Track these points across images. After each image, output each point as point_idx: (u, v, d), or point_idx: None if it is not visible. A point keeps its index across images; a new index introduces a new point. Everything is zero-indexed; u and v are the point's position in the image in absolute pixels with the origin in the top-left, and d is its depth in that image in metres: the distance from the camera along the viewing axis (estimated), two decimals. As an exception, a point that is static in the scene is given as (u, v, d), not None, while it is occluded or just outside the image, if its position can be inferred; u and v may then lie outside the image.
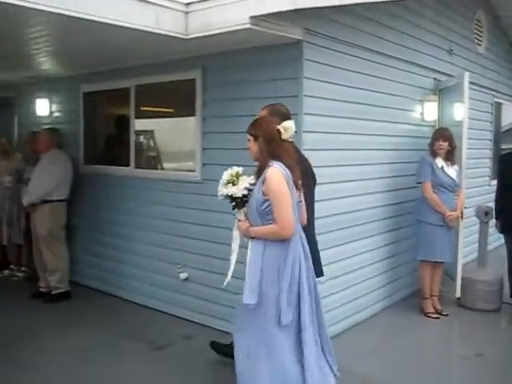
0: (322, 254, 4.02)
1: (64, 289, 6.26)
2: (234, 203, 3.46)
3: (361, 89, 5.28)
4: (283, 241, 3.22)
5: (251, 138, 3.40)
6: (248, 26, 3.95)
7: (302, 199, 3.46)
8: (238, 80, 4.99)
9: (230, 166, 4.95)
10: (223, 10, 4.12)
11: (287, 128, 3.32)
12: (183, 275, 5.54)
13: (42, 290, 6.34)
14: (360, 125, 5.33)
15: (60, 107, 7.24)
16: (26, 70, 6.61)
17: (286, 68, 4.64)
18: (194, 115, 5.38)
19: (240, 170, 3.47)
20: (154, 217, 5.86)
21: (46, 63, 6.10)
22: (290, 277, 3.17)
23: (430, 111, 6.52)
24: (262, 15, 3.92)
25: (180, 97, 5.84)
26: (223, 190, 3.46)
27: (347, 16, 4.92)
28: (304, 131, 4.57)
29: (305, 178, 3.57)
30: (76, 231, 6.79)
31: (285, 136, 3.32)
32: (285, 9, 3.82)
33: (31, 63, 6.07)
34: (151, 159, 6.30)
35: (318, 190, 4.69)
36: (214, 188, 5.11)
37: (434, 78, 6.67)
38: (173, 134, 6.14)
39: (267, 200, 3.20)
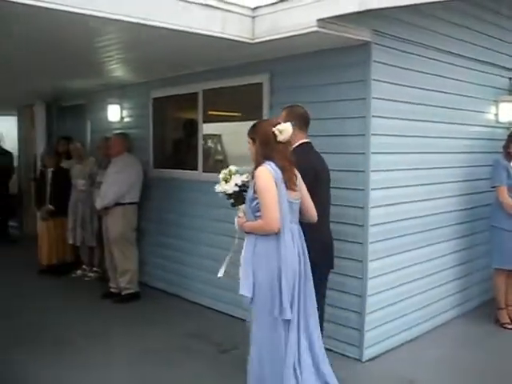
0: (391, 260, 3.96)
1: (133, 290, 6.41)
2: (232, 200, 3.75)
3: (430, 90, 5.13)
4: (272, 235, 3.38)
5: (250, 141, 3.61)
6: (315, 28, 3.93)
7: (304, 197, 3.62)
8: (304, 83, 4.96)
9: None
10: (290, 13, 4.10)
11: (282, 130, 3.44)
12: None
13: (112, 290, 6.51)
14: (429, 127, 5.18)
15: (130, 113, 7.42)
16: (98, 77, 6.83)
17: (354, 70, 4.57)
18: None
19: (234, 168, 3.79)
20: (220, 220, 5.88)
21: (117, 70, 6.27)
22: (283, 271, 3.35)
23: (505, 112, 6.26)
24: (330, 17, 3.88)
25: (247, 101, 5.86)
26: (217, 188, 3.81)
27: (416, 16, 4.79)
28: (372, 134, 4.49)
29: (319, 179, 3.94)
30: (144, 233, 6.94)
31: (280, 138, 3.45)
32: (352, 10, 3.76)
33: (103, 71, 6.27)
34: (218, 163, 6.34)
35: (386, 194, 4.62)
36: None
37: (510, 78, 6.41)
38: (240, 138, 6.15)
39: (256, 197, 3.41)
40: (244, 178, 3.68)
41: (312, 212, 3.69)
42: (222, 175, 3.81)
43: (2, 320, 5.70)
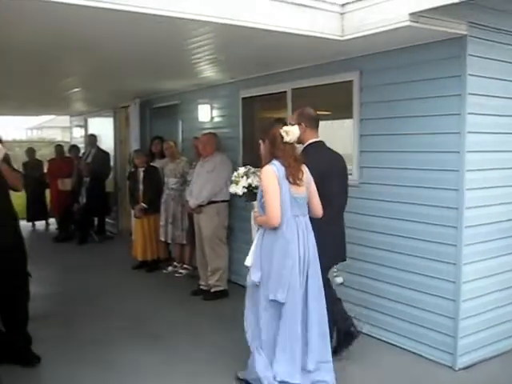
0: (486, 264, 3.78)
1: (222, 287, 6.49)
2: (245, 198, 4.40)
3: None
4: (275, 228, 3.80)
5: (261, 142, 4.04)
6: (407, 23, 3.80)
7: (312, 194, 3.97)
8: (395, 80, 4.82)
9: (389, 168, 4.86)
10: (380, 8, 4.00)
11: (289, 132, 3.84)
12: (338, 279, 5.45)
13: (202, 287, 6.62)
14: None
15: (220, 112, 7.52)
16: (189, 78, 6.99)
17: (448, 66, 4.38)
18: (350, 117, 5.30)
19: (242, 171, 4.42)
20: (309, 220, 5.85)
21: (207, 71, 6.37)
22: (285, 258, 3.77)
23: None
24: (423, 11, 3.74)
25: (336, 99, 5.78)
26: (230, 189, 4.48)
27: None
28: (468, 132, 4.29)
29: (327, 175, 4.21)
30: (234, 232, 7.00)
31: (287, 139, 3.84)
32: (448, 2, 3.59)
33: (194, 72, 6.39)
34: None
35: (481, 194, 4.41)
36: (371, 191, 5.06)
37: None
38: (328, 137, 6.07)
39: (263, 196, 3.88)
40: (255, 181, 4.26)
41: (317, 209, 4.04)
42: (233, 177, 4.41)
43: (104, 313, 5.98)
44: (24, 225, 11.24)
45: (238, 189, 4.37)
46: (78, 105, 11.22)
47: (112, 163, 11.11)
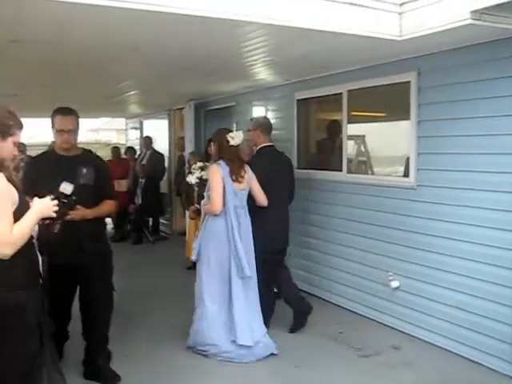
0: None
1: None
2: (197, 188, 5.88)
3: None
4: (219, 217, 4.72)
5: (212, 144, 5.16)
6: (469, 21, 3.69)
7: (252, 187, 4.93)
8: (455, 80, 4.70)
9: (448, 171, 4.75)
10: (440, 6, 3.89)
11: (234, 137, 4.83)
12: (394, 283, 5.38)
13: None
14: None
15: (275, 114, 7.52)
16: (244, 80, 7.01)
17: (511, 64, 4.24)
18: (407, 119, 5.20)
19: (199, 165, 6.40)
20: (363, 222, 5.79)
21: (262, 73, 6.39)
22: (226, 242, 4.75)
23: None
24: (486, 8, 3.62)
25: (393, 100, 5.71)
26: (187, 178, 6.23)
27: None
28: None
29: (274, 174, 5.26)
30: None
31: (232, 143, 4.81)
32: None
33: (249, 73, 6.41)
34: (362, 164, 6.24)
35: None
36: (429, 194, 4.97)
37: None
38: (384, 139, 6.01)
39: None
40: (205, 174, 5.55)
41: (260, 197, 5.00)
42: (191, 169, 5.67)
43: (158, 312, 6.10)
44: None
45: (192, 179, 6.07)
46: (133, 107, 11.44)
47: (166, 165, 11.26)
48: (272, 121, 7.42)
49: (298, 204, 6.78)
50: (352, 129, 6.10)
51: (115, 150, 11.65)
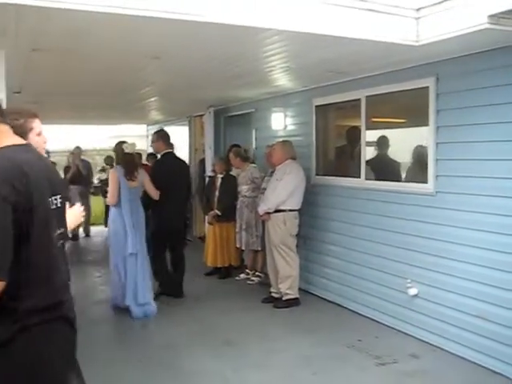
0: None
1: (294, 295, 6.46)
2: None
3: None
4: (115, 206, 6.17)
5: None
6: (486, 25, 3.64)
7: (145, 184, 6.37)
8: (474, 86, 4.65)
9: (468, 177, 4.70)
10: (457, 11, 3.86)
11: (128, 146, 6.28)
12: (412, 291, 5.32)
13: (273, 294, 6.61)
14: None
15: (294, 120, 7.53)
16: (263, 86, 7.03)
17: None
18: (426, 125, 5.16)
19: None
20: (382, 229, 5.75)
21: (281, 79, 6.40)
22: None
23: None
24: (503, 12, 3.57)
25: (411, 106, 5.68)
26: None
27: None
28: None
29: (172, 176, 6.73)
30: (306, 240, 6.97)
31: (126, 151, 6.22)
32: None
33: (268, 80, 6.44)
34: (381, 170, 6.19)
35: None
36: (448, 201, 4.92)
37: None
38: (402, 145, 5.97)
39: None
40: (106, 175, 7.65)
41: (151, 192, 6.43)
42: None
43: (176, 317, 6.09)
44: (102, 230, 11.66)
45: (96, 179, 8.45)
46: (154, 114, 11.54)
47: (186, 171, 11.30)
48: (290, 127, 7.53)
49: (315, 210, 6.81)
50: (371, 135, 6.07)
51: (137, 156, 11.71)
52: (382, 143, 6.10)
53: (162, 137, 6.97)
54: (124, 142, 6.37)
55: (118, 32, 3.83)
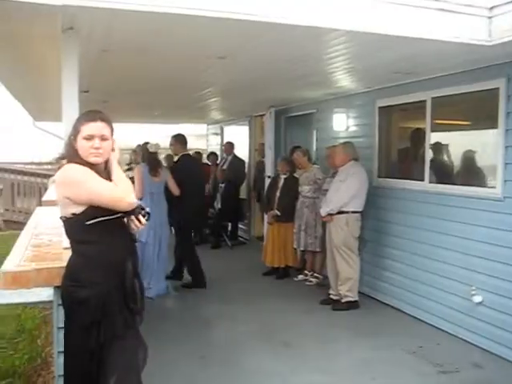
0: None
1: (353, 298, 6.39)
2: None
3: None
4: (139, 199, 5.82)
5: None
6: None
7: (167, 181, 6.95)
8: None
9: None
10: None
11: (152, 146, 6.93)
12: (477, 298, 5.17)
13: (331, 297, 6.57)
14: None
15: (356, 122, 7.44)
16: (325, 87, 6.99)
17: None
18: (495, 127, 5.01)
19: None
20: (445, 233, 5.61)
21: (344, 80, 6.35)
22: None
23: None
24: None
25: (479, 108, 5.51)
26: None
27: None
28: None
29: (188, 175, 7.19)
30: (367, 243, 6.88)
31: (150, 150, 6.93)
32: None
33: (331, 81, 6.40)
34: (445, 174, 6.05)
35: None
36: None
37: None
38: (469, 148, 5.81)
39: None
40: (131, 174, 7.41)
41: (172, 188, 6.94)
42: None
43: (233, 316, 6.13)
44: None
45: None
46: (214, 113, 11.64)
47: (246, 170, 11.38)
48: (352, 128, 7.46)
49: (376, 213, 6.71)
50: (435, 137, 5.93)
51: (197, 155, 11.85)
52: (439, 148, 5.99)
53: (178, 140, 7.58)
54: (148, 143, 7.09)
55: (187, 33, 3.88)
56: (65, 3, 2.94)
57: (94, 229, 2.76)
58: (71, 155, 2.83)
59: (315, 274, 7.61)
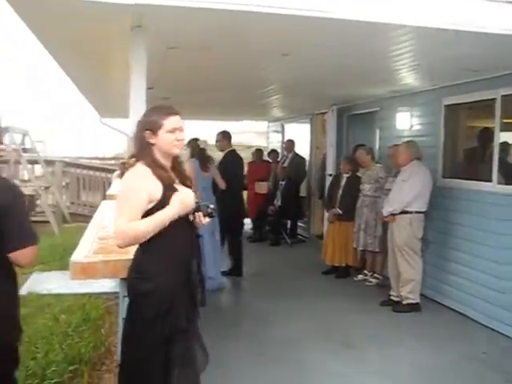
0: None
1: (414, 300, 6.27)
2: None
3: None
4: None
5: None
6: None
7: (214, 175, 7.32)
8: None
9: None
10: None
11: (203, 142, 7.48)
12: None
13: (392, 298, 6.48)
14: None
15: (420, 120, 7.28)
16: (389, 85, 6.89)
17: None
18: None
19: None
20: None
21: (409, 78, 6.23)
22: None
23: None
24: None
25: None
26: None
27: None
28: None
29: (236, 170, 7.80)
30: (429, 244, 6.71)
31: (201, 146, 7.41)
32: None
33: (395, 78, 6.29)
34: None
35: None
36: None
37: None
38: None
39: None
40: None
41: (219, 183, 7.25)
42: None
43: (293, 314, 6.13)
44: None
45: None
46: (276, 111, 11.64)
47: (307, 168, 11.34)
48: (416, 127, 7.31)
49: (440, 214, 6.55)
50: (504, 137, 5.73)
51: (258, 152, 11.88)
52: (508, 148, 5.82)
53: (226, 136, 7.81)
54: (197, 139, 7.50)
55: (253, 30, 3.90)
56: (137, 2, 3.00)
57: None
58: (143, 152, 2.87)
59: (375, 275, 7.50)
